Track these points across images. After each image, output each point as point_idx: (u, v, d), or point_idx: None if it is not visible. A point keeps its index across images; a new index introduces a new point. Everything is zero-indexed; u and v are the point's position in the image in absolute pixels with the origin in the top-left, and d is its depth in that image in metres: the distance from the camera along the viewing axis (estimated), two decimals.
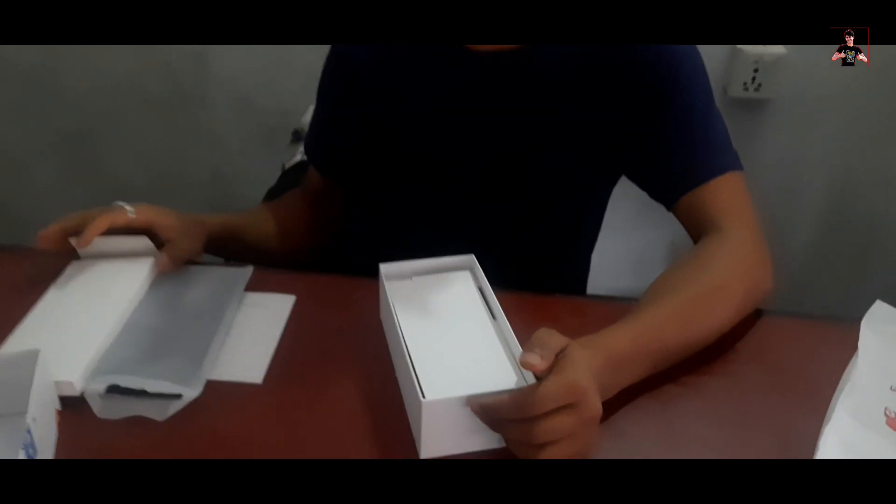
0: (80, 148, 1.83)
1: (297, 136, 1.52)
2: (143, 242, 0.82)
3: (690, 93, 0.86)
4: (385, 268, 0.75)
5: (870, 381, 0.71)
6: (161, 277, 0.82)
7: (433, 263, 0.77)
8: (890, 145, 1.64)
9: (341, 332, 0.78)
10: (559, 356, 0.59)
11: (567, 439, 0.57)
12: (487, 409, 0.59)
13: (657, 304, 0.72)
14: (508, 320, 0.69)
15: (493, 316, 0.72)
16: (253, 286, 0.83)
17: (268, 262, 0.89)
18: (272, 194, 1.34)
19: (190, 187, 1.84)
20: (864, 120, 1.62)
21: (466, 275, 0.78)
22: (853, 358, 0.73)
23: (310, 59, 1.62)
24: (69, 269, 0.82)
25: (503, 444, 0.63)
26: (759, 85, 1.58)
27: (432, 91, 0.88)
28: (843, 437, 0.64)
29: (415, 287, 0.76)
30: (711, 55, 0.90)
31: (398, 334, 0.68)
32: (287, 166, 1.43)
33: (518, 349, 0.66)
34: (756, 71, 1.57)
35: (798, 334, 0.81)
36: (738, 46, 1.56)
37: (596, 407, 0.58)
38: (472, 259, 0.78)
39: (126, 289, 0.78)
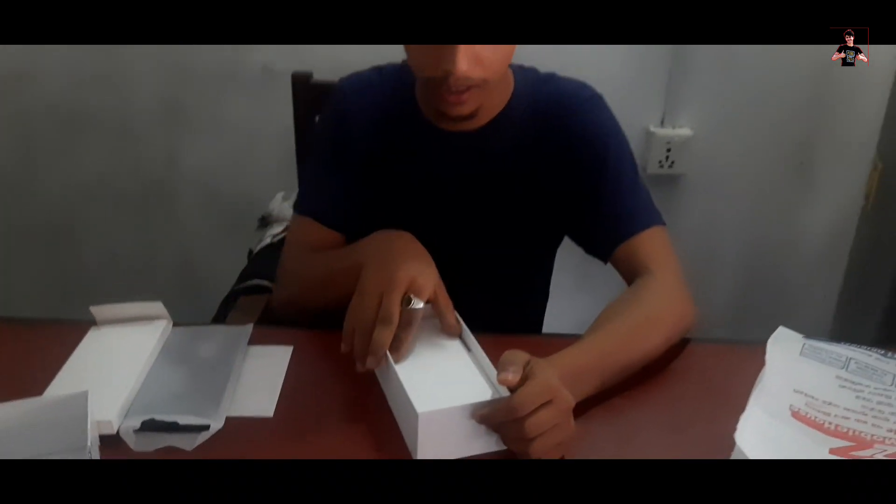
0: (54, 243, 1.92)
1: (263, 222, 1.65)
2: (157, 308, 0.94)
3: (620, 163, 1.04)
4: None
5: (777, 385, 0.86)
6: (172, 337, 0.93)
7: None
8: (789, 211, 1.88)
9: (335, 373, 0.90)
10: (527, 368, 0.73)
11: (552, 430, 0.72)
12: (486, 417, 0.73)
13: (602, 331, 0.87)
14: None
15: (469, 348, 0.86)
16: (254, 341, 0.94)
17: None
18: (245, 276, 1.46)
19: (160, 277, 1.94)
20: (765, 190, 1.86)
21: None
22: (763, 370, 0.89)
23: (274, 150, 1.78)
24: (91, 334, 0.92)
25: (484, 451, 0.76)
26: (672, 162, 1.81)
27: (413, 163, 1.05)
28: (755, 426, 0.78)
29: None
30: (629, 138, 1.09)
31: (390, 366, 0.81)
32: (256, 250, 1.56)
33: (493, 371, 0.80)
34: (669, 150, 1.80)
35: (718, 356, 0.97)
36: (651, 129, 1.79)
37: (568, 399, 0.73)
38: None
39: (145, 346, 0.89)
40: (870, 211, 1.48)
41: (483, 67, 0.90)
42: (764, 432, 0.79)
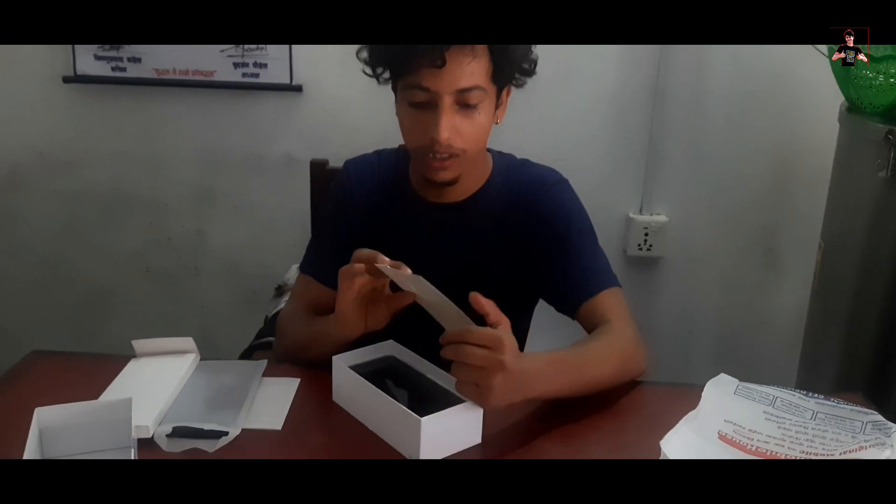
0: (89, 308, 2.12)
1: (279, 291, 1.83)
2: (188, 342, 1.11)
3: (580, 235, 1.22)
4: (336, 358, 1.05)
5: (709, 415, 1.01)
6: (201, 367, 1.11)
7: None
8: (761, 292, 2.05)
9: (332, 399, 1.06)
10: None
11: (477, 368, 0.90)
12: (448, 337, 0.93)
13: (565, 352, 1.04)
14: None
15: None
16: (267, 374, 1.11)
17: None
18: (261, 335, 1.64)
19: None
20: (736, 270, 2.04)
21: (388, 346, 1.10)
22: (699, 404, 1.04)
23: (292, 229, 1.99)
24: (132, 363, 1.10)
25: (467, 445, 0.94)
26: (651, 246, 2.00)
27: (403, 231, 1.24)
28: (680, 440, 0.93)
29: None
30: (611, 224, 1.26)
31: (374, 391, 0.97)
32: (270, 315, 1.74)
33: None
34: (647, 235, 1.99)
35: (662, 394, 1.13)
36: (631, 216, 1.98)
37: (504, 358, 0.90)
38: (391, 343, 1.09)
39: (177, 372, 1.06)
40: (817, 287, 1.65)
41: (462, 138, 1.10)
42: (688, 444, 0.94)
